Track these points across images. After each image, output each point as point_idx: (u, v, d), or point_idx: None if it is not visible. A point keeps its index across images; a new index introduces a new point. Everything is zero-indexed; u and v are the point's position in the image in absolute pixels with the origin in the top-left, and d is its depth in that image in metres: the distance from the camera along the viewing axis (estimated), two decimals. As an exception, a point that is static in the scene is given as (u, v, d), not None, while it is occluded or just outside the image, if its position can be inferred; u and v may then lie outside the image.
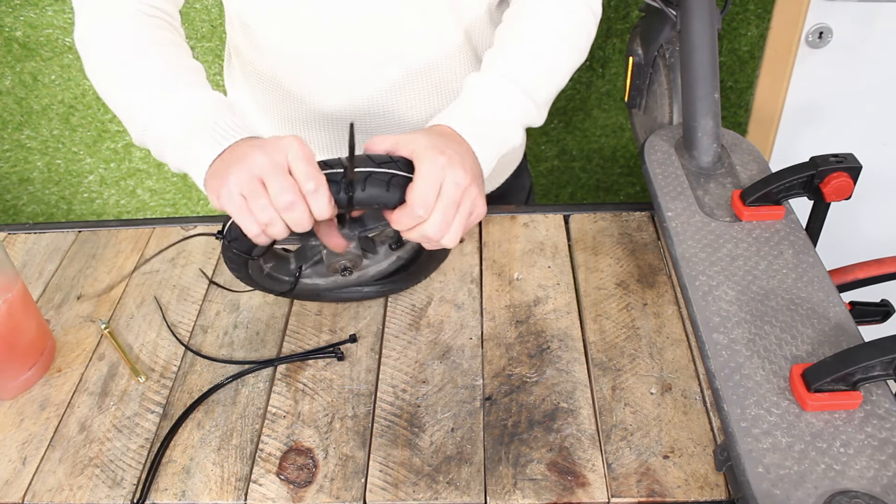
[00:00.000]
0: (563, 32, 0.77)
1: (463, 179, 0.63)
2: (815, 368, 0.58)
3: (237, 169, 0.60)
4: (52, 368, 0.76)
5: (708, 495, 0.61)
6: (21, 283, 0.73)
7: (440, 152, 0.63)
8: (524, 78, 0.74)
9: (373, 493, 0.63)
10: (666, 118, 0.95)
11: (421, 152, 0.63)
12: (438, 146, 0.63)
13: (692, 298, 0.67)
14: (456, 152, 0.64)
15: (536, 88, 0.75)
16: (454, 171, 0.62)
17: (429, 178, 0.62)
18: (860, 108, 1.53)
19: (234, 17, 0.85)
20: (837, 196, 0.73)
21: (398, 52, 0.82)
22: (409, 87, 0.85)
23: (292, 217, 0.60)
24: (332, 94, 0.86)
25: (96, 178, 1.77)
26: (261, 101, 0.90)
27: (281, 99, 0.88)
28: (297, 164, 0.60)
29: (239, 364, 0.75)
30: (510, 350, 0.74)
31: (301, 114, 0.89)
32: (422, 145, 0.63)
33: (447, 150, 0.63)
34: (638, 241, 0.86)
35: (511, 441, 0.66)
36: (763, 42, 1.48)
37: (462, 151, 0.66)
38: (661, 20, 0.94)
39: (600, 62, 1.55)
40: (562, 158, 1.70)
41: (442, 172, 0.62)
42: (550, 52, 0.76)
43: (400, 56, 0.83)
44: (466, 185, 0.63)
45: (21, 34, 1.54)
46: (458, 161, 0.63)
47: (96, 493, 0.64)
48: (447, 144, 0.65)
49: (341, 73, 0.84)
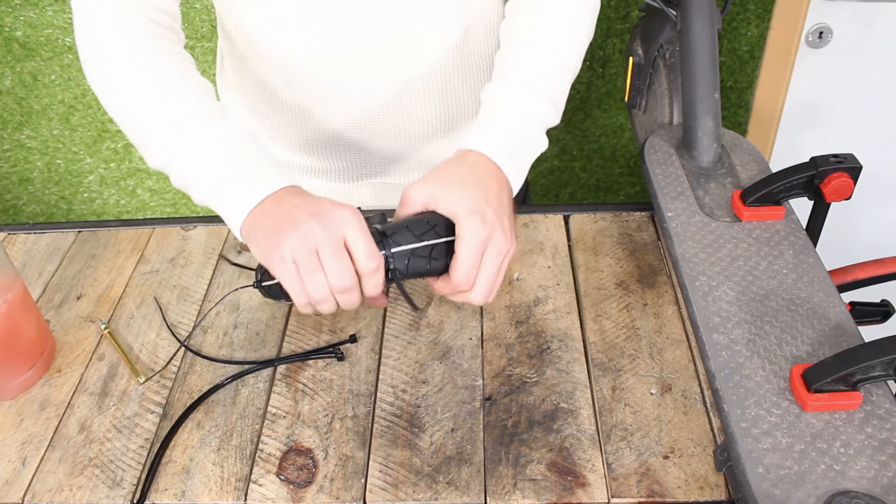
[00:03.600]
0: (571, 18, 0.75)
1: (504, 246, 0.63)
2: (815, 369, 0.58)
3: (291, 236, 0.58)
4: (52, 368, 0.76)
5: (708, 495, 0.61)
6: (21, 283, 0.73)
7: (481, 219, 0.62)
8: (544, 84, 0.72)
9: (373, 493, 0.63)
10: (666, 118, 0.95)
11: (462, 219, 0.62)
12: (479, 207, 0.62)
13: (692, 299, 0.67)
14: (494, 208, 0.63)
15: (555, 91, 0.73)
16: (495, 239, 0.63)
17: (471, 253, 0.62)
18: (860, 108, 1.53)
19: (232, 25, 0.83)
20: (838, 196, 0.73)
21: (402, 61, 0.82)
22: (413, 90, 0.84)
23: (346, 298, 0.60)
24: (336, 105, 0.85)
25: (96, 178, 1.77)
26: (256, 109, 0.89)
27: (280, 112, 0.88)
28: (356, 242, 0.59)
29: (239, 364, 0.75)
30: (510, 350, 0.74)
31: (301, 124, 0.88)
32: (463, 209, 0.62)
33: (487, 213, 0.62)
34: (638, 241, 0.86)
35: (511, 441, 0.66)
36: (763, 42, 1.48)
37: (497, 191, 0.65)
38: (661, 20, 0.94)
39: (600, 62, 1.55)
40: (562, 158, 1.70)
41: (484, 245, 0.62)
42: (563, 45, 0.74)
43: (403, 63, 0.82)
44: (507, 251, 0.64)
45: (21, 34, 1.54)
46: (498, 222, 0.63)
47: (96, 493, 0.64)
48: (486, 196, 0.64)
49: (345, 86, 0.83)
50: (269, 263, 0.61)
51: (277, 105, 0.87)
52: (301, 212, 0.60)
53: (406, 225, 0.64)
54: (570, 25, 0.75)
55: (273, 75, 0.84)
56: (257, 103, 0.88)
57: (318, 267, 0.59)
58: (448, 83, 0.86)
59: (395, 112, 0.86)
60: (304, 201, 0.61)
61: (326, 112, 0.86)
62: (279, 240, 0.59)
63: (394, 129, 0.87)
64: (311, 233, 0.58)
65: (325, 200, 0.62)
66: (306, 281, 0.59)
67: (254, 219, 0.62)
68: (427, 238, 0.63)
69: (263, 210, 0.62)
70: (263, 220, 0.62)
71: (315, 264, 0.58)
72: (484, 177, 0.66)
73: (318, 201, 0.61)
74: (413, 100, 0.85)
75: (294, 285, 0.60)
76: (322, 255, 0.58)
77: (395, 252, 0.62)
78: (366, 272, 0.60)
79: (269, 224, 0.61)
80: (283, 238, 0.59)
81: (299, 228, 0.59)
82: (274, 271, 0.60)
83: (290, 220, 0.59)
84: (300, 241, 0.58)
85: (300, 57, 0.81)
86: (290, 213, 0.60)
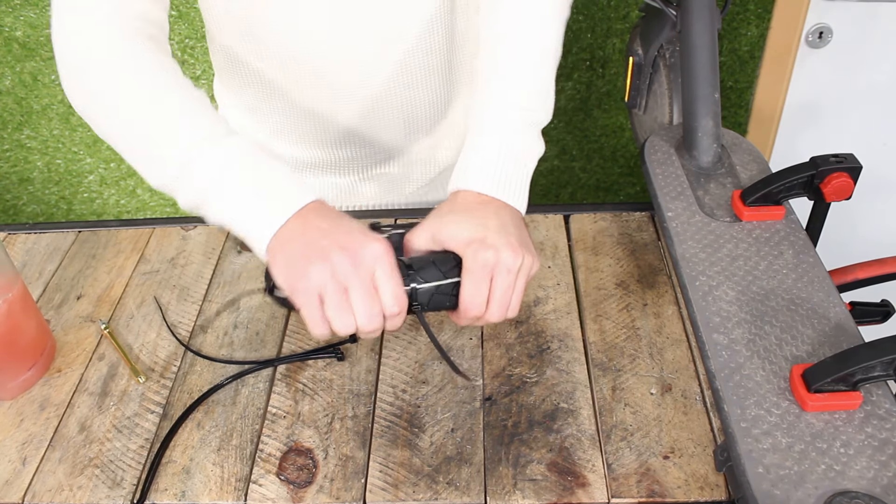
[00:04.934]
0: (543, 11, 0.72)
1: (513, 263, 0.61)
2: (815, 369, 0.58)
3: (318, 267, 0.57)
4: (52, 368, 0.76)
5: (708, 496, 0.61)
6: (21, 283, 0.73)
7: (482, 245, 0.61)
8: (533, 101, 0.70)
9: (373, 493, 0.63)
10: (666, 118, 0.95)
11: (464, 250, 0.61)
12: (479, 235, 0.61)
13: (692, 299, 0.67)
14: (497, 231, 0.62)
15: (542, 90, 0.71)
16: (502, 260, 0.61)
17: (475, 280, 0.61)
18: (860, 108, 1.53)
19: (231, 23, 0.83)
20: (837, 196, 0.73)
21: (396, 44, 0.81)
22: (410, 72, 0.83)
23: (368, 333, 0.59)
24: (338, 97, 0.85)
25: (96, 178, 1.77)
26: (256, 108, 0.89)
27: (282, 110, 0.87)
28: (385, 284, 0.58)
29: (239, 364, 0.75)
30: (510, 350, 0.74)
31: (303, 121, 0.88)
32: (464, 240, 0.62)
33: (489, 236, 0.61)
34: (638, 241, 0.86)
35: (511, 441, 0.66)
36: (763, 42, 1.48)
37: (499, 215, 0.64)
38: (661, 20, 0.94)
39: (600, 62, 1.55)
40: (562, 158, 1.70)
41: (490, 268, 0.61)
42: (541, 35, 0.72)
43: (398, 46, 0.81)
44: (518, 266, 0.61)
45: (21, 34, 1.54)
46: (504, 242, 0.61)
47: (96, 493, 0.64)
48: (485, 224, 0.62)
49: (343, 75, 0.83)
50: (292, 292, 0.58)
51: (279, 104, 0.87)
52: (331, 242, 0.58)
53: (433, 261, 0.63)
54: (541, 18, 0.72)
55: (275, 74, 0.84)
56: (257, 102, 0.88)
57: (346, 303, 0.57)
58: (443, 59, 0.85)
59: (396, 97, 0.85)
60: (333, 227, 0.59)
61: (329, 106, 0.86)
62: (306, 271, 0.57)
63: (397, 113, 0.87)
64: (340, 266, 0.56)
65: (355, 229, 0.59)
66: (333, 318, 0.57)
67: (278, 242, 0.60)
68: (451, 276, 0.62)
69: (290, 232, 0.59)
70: (288, 244, 0.59)
71: (342, 300, 0.57)
72: (477, 207, 0.65)
73: (347, 229, 0.59)
74: (412, 82, 0.85)
75: (316, 318, 0.58)
76: (352, 295, 0.57)
77: (421, 289, 0.62)
78: (389, 315, 0.59)
79: (295, 251, 0.58)
80: (311, 271, 0.57)
81: (327, 259, 0.57)
82: (297, 301, 0.58)
83: (319, 252, 0.57)
84: (327, 272, 0.56)
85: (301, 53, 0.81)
86: (319, 243, 0.58)
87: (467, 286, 0.61)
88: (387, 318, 0.59)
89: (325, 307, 0.57)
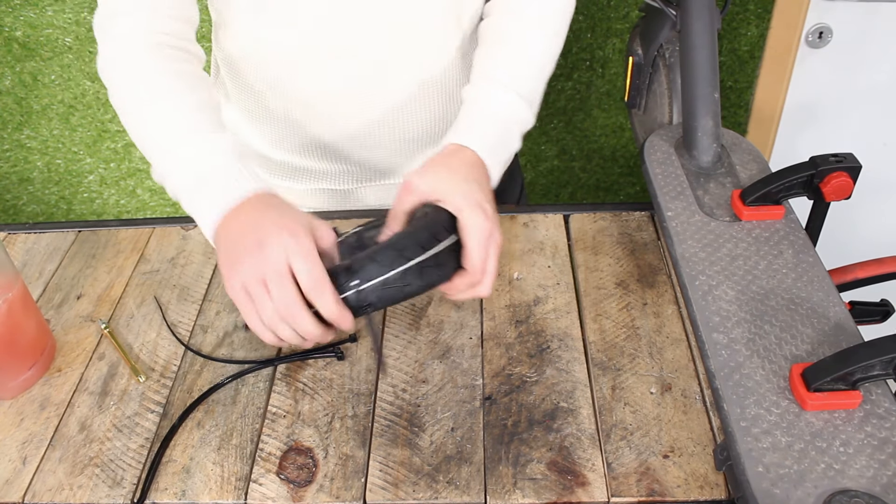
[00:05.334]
0: (545, 22, 0.78)
1: (500, 240, 0.65)
2: (814, 368, 0.58)
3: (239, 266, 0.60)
4: (52, 368, 0.76)
5: (708, 495, 0.61)
6: (21, 283, 0.73)
7: (484, 213, 0.64)
8: (523, 85, 0.75)
9: (373, 492, 0.63)
10: (666, 118, 0.95)
11: (468, 213, 0.64)
12: (480, 202, 0.64)
13: (692, 298, 0.67)
14: (487, 198, 0.66)
15: (532, 92, 0.76)
16: (495, 233, 0.65)
17: (481, 244, 0.64)
18: (860, 108, 1.53)
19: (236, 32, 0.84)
20: (837, 196, 0.73)
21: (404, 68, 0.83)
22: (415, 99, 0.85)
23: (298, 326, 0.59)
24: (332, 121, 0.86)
25: (96, 178, 1.77)
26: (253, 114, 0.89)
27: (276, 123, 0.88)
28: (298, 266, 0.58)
29: (239, 364, 0.75)
30: (510, 350, 0.74)
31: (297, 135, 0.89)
32: (466, 203, 0.64)
33: (487, 207, 0.65)
34: (638, 240, 0.86)
35: (511, 441, 0.66)
36: (763, 42, 1.48)
37: (487, 185, 0.68)
38: (661, 20, 0.94)
39: (600, 62, 1.55)
40: (562, 158, 1.70)
41: (489, 237, 0.64)
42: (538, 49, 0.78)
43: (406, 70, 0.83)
44: (501, 240, 0.66)
45: (21, 34, 1.54)
46: (496, 217, 0.65)
47: (96, 492, 0.64)
48: (482, 189, 0.66)
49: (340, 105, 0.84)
50: (228, 291, 0.61)
51: (273, 117, 0.88)
52: (249, 239, 0.60)
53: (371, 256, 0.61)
54: (543, 30, 0.78)
55: (269, 93, 0.85)
56: (253, 107, 0.89)
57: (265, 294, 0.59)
58: (442, 95, 0.87)
59: (389, 127, 0.87)
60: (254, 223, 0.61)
61: (322, 128, 0.87)
62: (232, 271, 0.60)
63: (388, 141, 0.89)
64: (257, 265, 0.59)
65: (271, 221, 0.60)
66: (258, 306, 0.59)
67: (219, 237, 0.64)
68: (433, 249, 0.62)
69: (224, 231, 0.63)
70: (221, 242, 0.63)
71: (262, 292, 0.59)
72: (475, 172, 0.68)
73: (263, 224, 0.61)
74: (407, 114, 0.87)
75: (248, 313, 0.60)
76: (269, 283, 0.59)
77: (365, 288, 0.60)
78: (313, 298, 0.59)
79: (224, 251, 0.62)
80: (235, 270, 0.60)
81: (245, 262, 0.59)
82: (232, 298, 0.61)
83: (239, 250, 0.60)
84: (248, 273, 0.59)
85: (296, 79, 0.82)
86: (239, 243, 0.61)
87: (475, 246, 0.64)
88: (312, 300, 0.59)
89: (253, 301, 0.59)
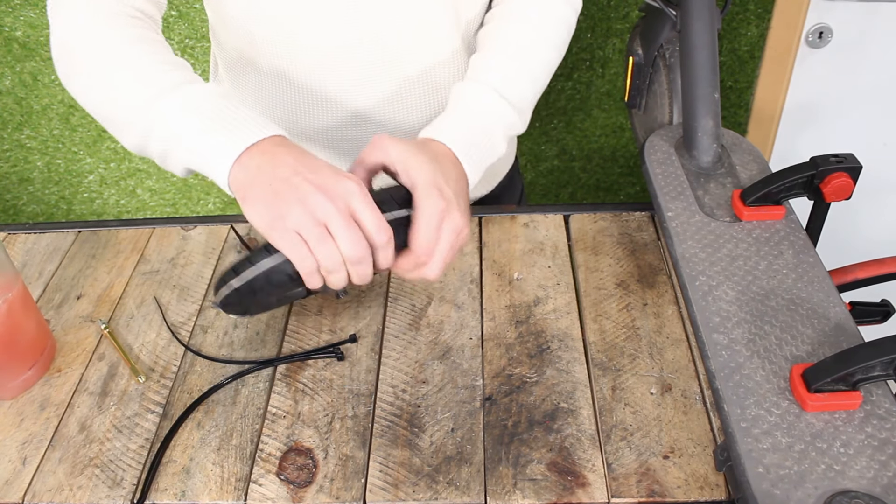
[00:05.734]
0: (546, 32, 0.78)
1: (458, 224, 0.64)
2: (815, 369, 0.58)
3: (295, 207, 0.58)
4: (52, 368, 0.76)
5: (708, 495, 0.61)
6: (21, 283, 0.73)
7: (440, 193, 0.63)
8: (512, 90, 0.75)
9: (373, 493, 0.63)
10: (666, 118, 0.95)
11: (422, 189, 0.63)
12: (438, 182, 0.63)
13: (692, 298, 0.67)
14: (452, 188, 0.65)
15: (522, 100, 0.76)
16: (452, 216, 0.64)
17: (430, 225, 0.63)
18: (860, 108, 1.53)
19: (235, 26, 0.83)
20: (837, 196, 0.73)
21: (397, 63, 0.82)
22: (406, 95, 0.85)
23: (359, 270, 0.59)
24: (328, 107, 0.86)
25: (96, 178, 1.77)
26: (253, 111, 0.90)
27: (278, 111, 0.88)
28: (365, 214, 0.59)
29: (239, 364, 0.75)
30: (510, 350, 0.74)
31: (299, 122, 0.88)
32: (422, 180, 0.63)
33: (445, 189, 0.64)
34: (638, 241, 0.86)
35: (511, 441, 0.66)
36: (763, 42, 1.48)
37: (455, 177, 0.67)
38: (661, 20, 0.94)
39: (600, 62, 1.55)
40: (562, 158, 1.70)
41: (441, 218, 0.63)
42: (535, 58, 0.78)
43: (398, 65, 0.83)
44: (461, 229, 0.65)
45: (21, 34, 1.54)
46: (455, 201, 0.64)
47: (96, 493, 0.64)
48: (445, 176, 0.65)
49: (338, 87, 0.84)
50: (269, 233, 0.59)
51: (272, 115, 0.88)
52: (303, 180, 0.58)
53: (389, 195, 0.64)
54: (543, 40, 0.78)
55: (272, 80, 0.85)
56: (252, 105, 0.88)
57: (329, 238, 0.58)
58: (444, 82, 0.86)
59: (392, 109, 0.86)
60: (303, 165, 0.60)
61: (320, 123, 0.87)
62: (282, 211, 0.58)
63: (391, 125, 0.88)
64: (317, 204, 0.57)
65: (324, 166, 0.60)
66: (316, 251, 0.58)
67: (244, 174, 0.60)
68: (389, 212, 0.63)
69: (256, 165, 0.60)
70: (258, 179, 0.59)
71: (324, 235, 0.58)
72: (444, 161, 0.68)
73: (317, 166, 0.60)
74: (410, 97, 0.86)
75: (301, 254, 0.58)
76: (332, 228, 0.58)
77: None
78: (378, 244, 0.60)
79: (266, 189, 0.59)
80: (287, 210, 0.58)
81: (305, 203, 0.58)
82: (276, 241, 0.59)
83: (293, 191, 0.58)
84: (306, 212, 0.57)
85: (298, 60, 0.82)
86: (291, 181, 0.58)
87: (423, 225, 0.62)
88: (375, 248, 0.60)
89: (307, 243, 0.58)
